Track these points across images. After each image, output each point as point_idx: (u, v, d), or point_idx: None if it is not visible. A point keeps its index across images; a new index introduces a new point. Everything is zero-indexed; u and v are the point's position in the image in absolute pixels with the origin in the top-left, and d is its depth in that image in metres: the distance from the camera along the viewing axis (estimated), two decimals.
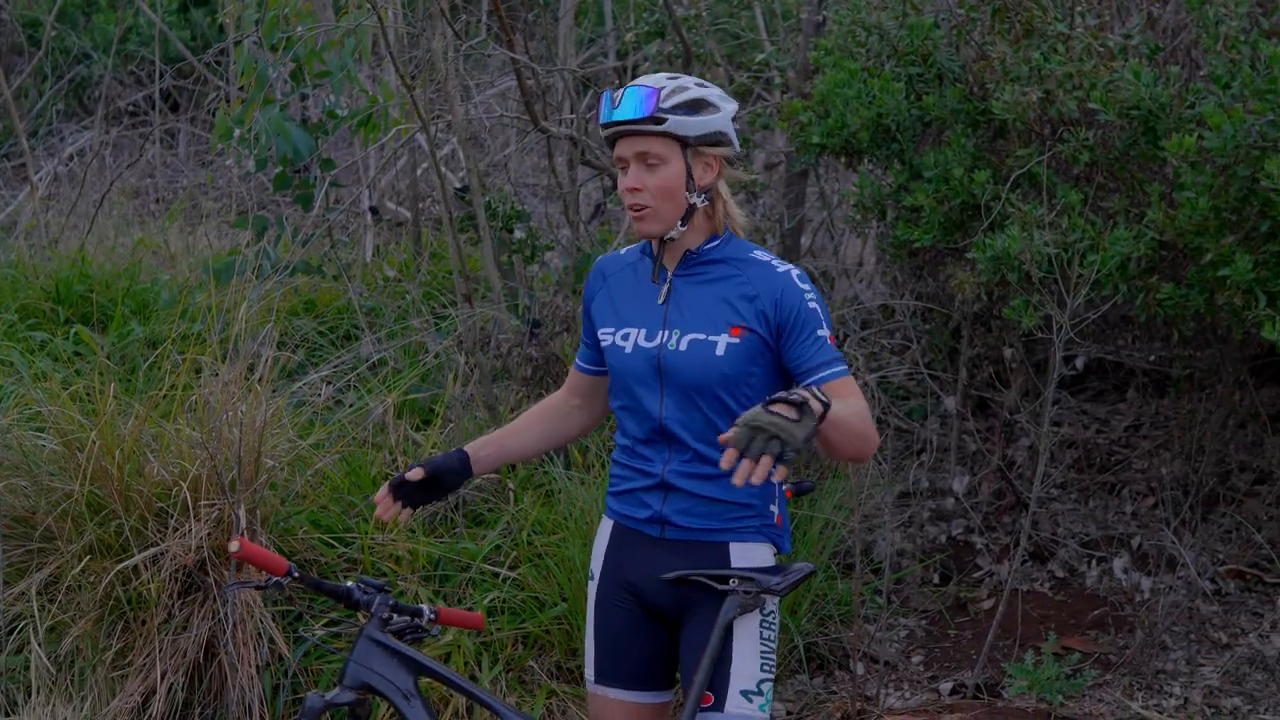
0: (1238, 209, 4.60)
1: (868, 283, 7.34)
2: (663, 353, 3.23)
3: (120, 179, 10.40)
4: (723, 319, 3.20)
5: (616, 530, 3.38)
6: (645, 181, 3.16)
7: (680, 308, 3.25)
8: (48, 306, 7.36)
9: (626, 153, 3.18)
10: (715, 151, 3.19)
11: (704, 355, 3.18)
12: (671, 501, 3.25)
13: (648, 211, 3.18)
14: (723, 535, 3.25)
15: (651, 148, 3.14)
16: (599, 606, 3.39)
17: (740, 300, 3.20)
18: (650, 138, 3.14)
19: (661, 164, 3.15)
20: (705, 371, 3.18)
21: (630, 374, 3.27)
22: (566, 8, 8.13)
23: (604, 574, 3.39)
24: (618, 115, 3.14)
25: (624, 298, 3.34)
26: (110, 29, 13.31)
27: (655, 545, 3.29)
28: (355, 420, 5.76)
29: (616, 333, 3.31)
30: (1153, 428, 6.42)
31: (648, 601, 3.32)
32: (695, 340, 3.20)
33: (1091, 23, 5.12)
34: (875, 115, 5.35)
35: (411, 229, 8.30)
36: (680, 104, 3.13)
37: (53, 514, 4.89)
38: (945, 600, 5.68)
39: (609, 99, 3.16)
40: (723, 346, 3.18)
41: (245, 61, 6.55)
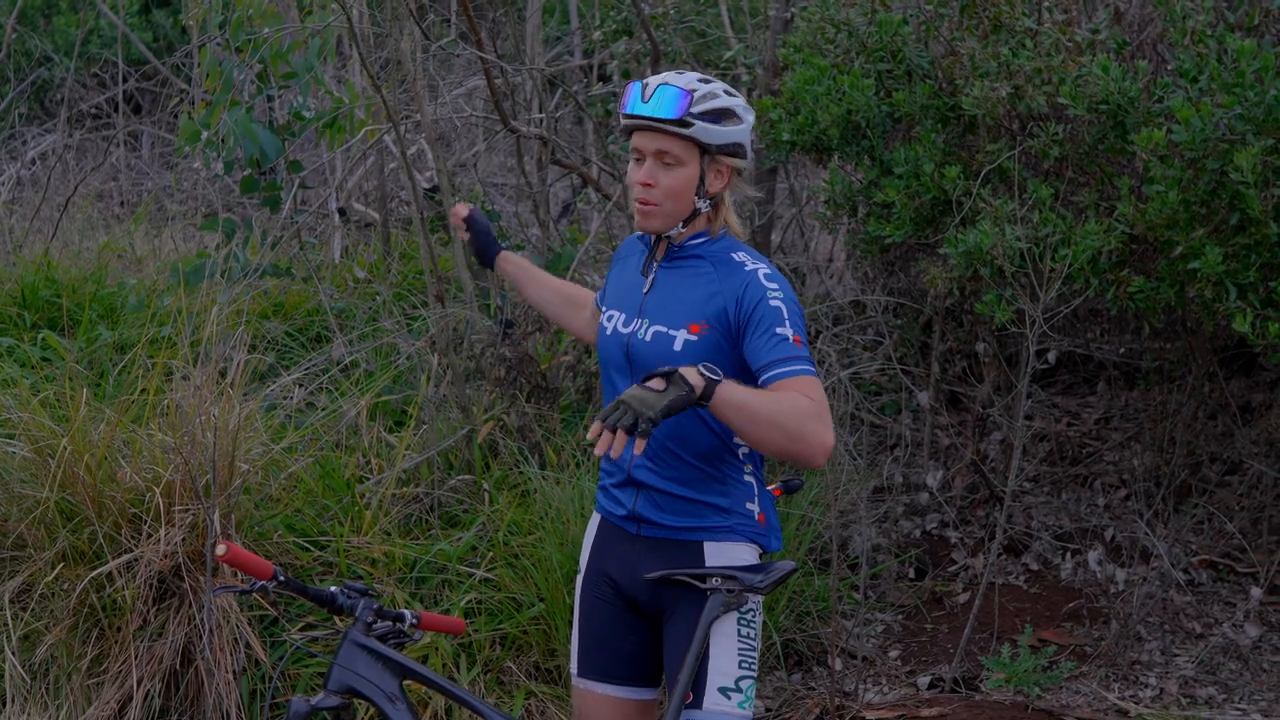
0: (1207, 202, 4.64)
1: (838, 278, 7.36)
2: (631, 340, 3.27)
3: (84, 182, 10.33)
4: (685, 315, 3.21)
5: (602, 525, 3.41)
6: (659, 179, 3.18)
7: (655, 298, 3.28)
8: (14, 312, 7.30)
9: (646, 146, 3.19)
10: (730, 161, 3.22)
11: (663, 348, 3.21)
12: (642, 498, 3.28)
13: (654, 209, 3.20)
14: (697, 534, 3.26)
15: (672, 148, 3.15)
16: (583, 601, 3.42)
17: (706, 298, 3.20)
18: (673, 138, 3.15)
19: (678, 165, 3.17)
20: (665, 363, 3.15)
21: (607, 356, 3.34)
22: (533, 7, 8.12)
23: (589, 569, 3.42)
24: (647, 110, 3.14)
25: (618, 282, 3.41)
26: (72, 31, 13.22)
27: (634, 542, 3.31)
28: (328, 423, 5.74)
29: (605, 314, 3.38)
30: (1123, 420, 6.45)
31: (628, 597, 3.34)
32: (658, 332, 3.23)
33: (1059, 18, 5.15)
34: (845, 112, 5.36)
35: (380, 230, 8.27)
36: (708, 111, 3.14)
37: (24, 521, 4.84)
38: (921, 595, 5.70)
39: (639, 90, 3.15)
40: (680, 343, 3.19)
41: (210, 64, 6.51)
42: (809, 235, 7.74)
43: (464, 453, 5.70)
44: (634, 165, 3.23)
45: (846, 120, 5.38)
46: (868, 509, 5.78)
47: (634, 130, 3.20)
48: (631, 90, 3.17)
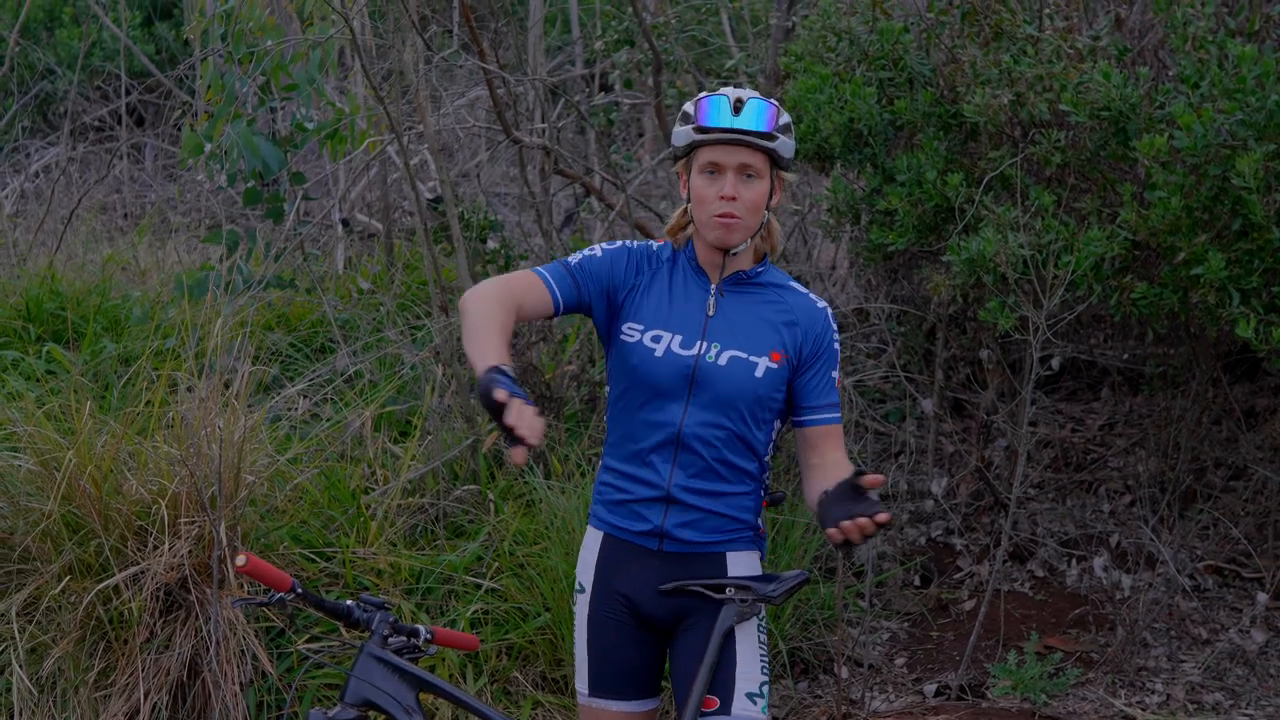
0: (1209, 208, 4.64)
1: (841, 286, 7.36)
2: (700, 363, 3.23)
3: (88, 195, 10.34)
4: (765, 342, 3.25)
5: (608, 542, 3.36)
6: (741, 193, 3.19)
7: (724, 322, 3.26)
8: (18, 325, 7.31)
9: (727, 161, 3.19)
10: (788, 175, 3.31)
11: (743, 374, 3.22)
12: (673, 515, 3.25)
13: (737, 222, 3.20)
14: (720, 546, 3.28)
15: (755, 162, 3.19)
16: (592, 620, 3.37)
17: (783, 326, 3.27)
18: (757, 152, 3.19)
19: (758, 179, 3.20)
20: (741, 390, 3.22)
21: (656, 378, 3.24)
22: (535, 17, 8.14)
23: (596, 587, 3.37)
24: (740, 124, 3.16)
25: (660, 298, 3.31)
26: (74, 44, 13.25)
27: (652, 557, 3.29)
28: (333, 434, 5.75)
29: (646, 333, 3.28)
30: (1127, 426, 6.45)
31: (643, 613, 3.33)
32: (736, 357, 3.23)
33: (1060, 25, 5.16)
34: (847, 120, 5.37)
35: (384, 240, 8.28)
36: (785, 125, 3.21)
37: (31, 534, 4.85)
38: (927, 602, 5.70)
39: (727, 103, 3.17)
40: (762, 369, 3.23)
41: (212, 77, 6.53)
42: (812, 243, 7.74)
43: (469, 463, 5.71)
44: (706, 180, 3.21)
45: (849, 128, 5.39)
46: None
47: (705, 145, 3.20)
48: (712, 104, 3.19)
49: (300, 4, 6.55)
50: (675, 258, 3.35)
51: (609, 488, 3.35)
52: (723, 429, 3.22)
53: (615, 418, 3.34)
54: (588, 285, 3.30)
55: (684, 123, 3.23)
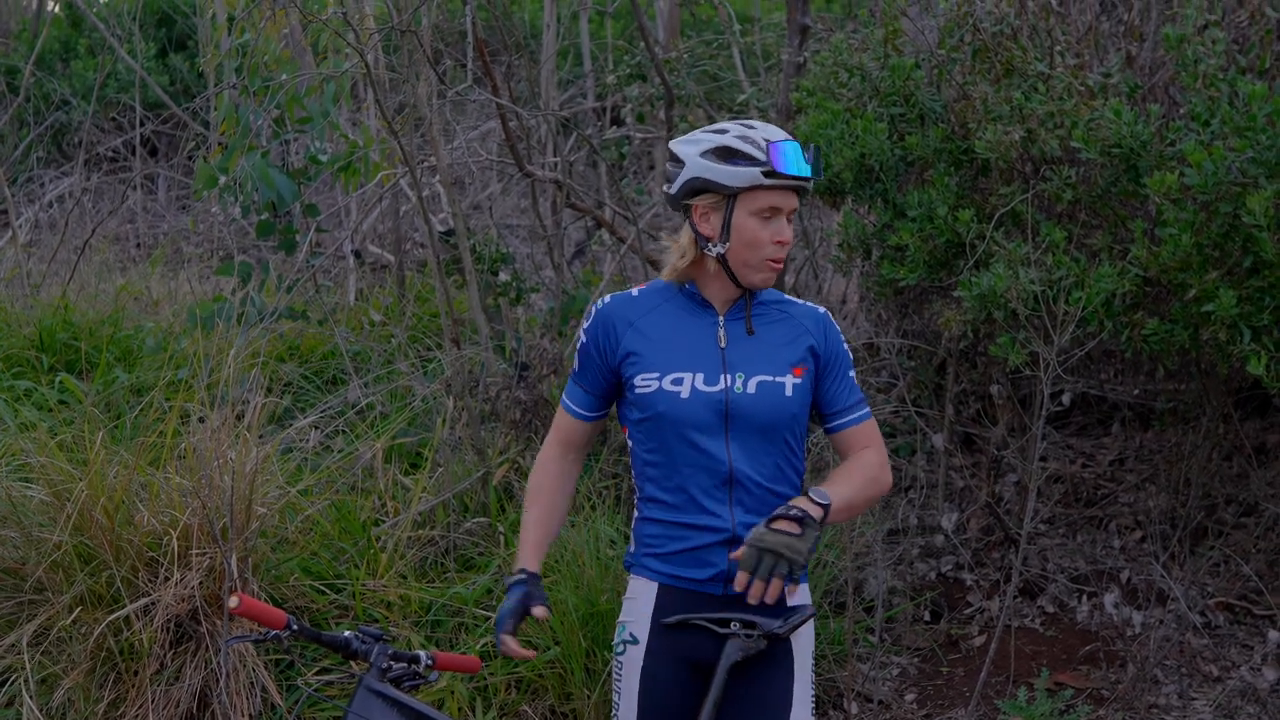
0: (1220, 245, 4.64)
1: (852, 320, 7.37)
2: (730, 396, 3.20)
3: (102, 225, 10.39)
4: (784, 360, 3.25)
5: (665, 593, 3.27)
6: (788, 236, 3.21)
7: (740, 350, 3.24)
8: (31, 355, 7.33)
9: (786, 205, 3.20)
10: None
11: (774, 397, 3.21)
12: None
13: (780, 266, 3.24)
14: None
15: (796, 205, 3.24)
16: (646, 674, 3.26)
17: (796, 339, 3.28)
18: (799, 195, 3.24)
19: (793, 220, 3.26)
20: (776, 413, 3.21)
21: (689, 419, 3.20)
22: (548, 52, 8.18)
23: (653, 639, 3.27)
24: (808, 172, 3.19)
25: (665, 340, 3.26)
26: (90, 75, 13.33)
27: (714, 602, 3.22)
28: (344, 465, 5.76)
29: (663, 378, 3.22)
30: (1138, 461, 6.44)
31: (698, 657, 3.25)
32: (763, 382, 3.22)
33: (1071, 62, 5.18)
34: (858, 155, 5.39)
35: (395, 272, 8.31)
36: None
37: (43, 565, 4.86)
38: (937, 638, 5.68)
39: (793, 150, 3.16)
40: (790, 387, 3.23)
41: (227, 109, 6.57)
42: (822, 277, 7.76)
43: (479, 495, 5.72)
44: (762, 223, 3.18)
45: (860, 163, 5.41)
46: (883, 551, 5.78)
47: (767, 189, 3.17)
48: (787, 151, 3.17)
49: (315, 37, 6.60)
50: (672, 293, 3.31)
51: (661, 539, 3.27)
52: (769, 457, 3.22)
53: (653, 473, 3.27)
54: (596, 382, 3.36)
55: (744, 162, 3.15)
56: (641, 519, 3.33)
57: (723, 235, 3.20)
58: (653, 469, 3.28)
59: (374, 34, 6.48)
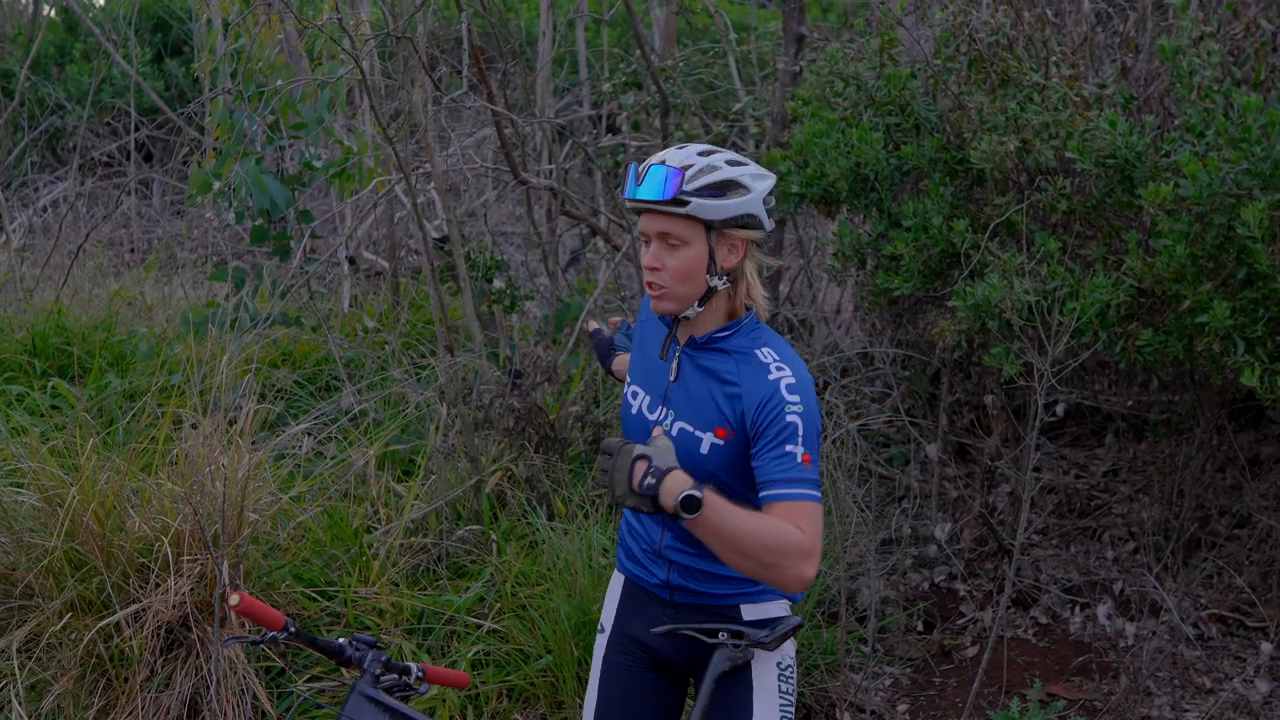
0: (1214, 256, 4.64)
1: (846, 330, 7.37)
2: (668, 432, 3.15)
3: (95, 230, 10.38)
4: (709, 417, 3.05)
5: (629, 587, 3.37)
6: (665, 261, 3.01)
7: (680, 390, 3.13)
8: (24, 359, 7.32)
9: (649, 229, 3.03)
10: (741, 234, 3.02)
11: (690, 448, 3.07)
12: (674, 571, 3.24)
13: (664, 291, 3.04)
14: (733, 599, 3.24)
15: (673, 229, 2.98)
16: (608, 661, 3.37)
17: (726, 399, 3.04)
18: (673, 219, 2.98)
19: (683, 245, 2.99)
20: (690, 464, 3.04)
21: (630, 435, 3.23)
22: (544, 59, 8.18)
23: (615, 630, 3.37)
24: (640, 193, 2.98)
25: (641, 353, 3.28)
26: (84, 80, 13.33)
27: (666, 606, 3.28)
28: (336, 472, 5.75)
29: (630, 385, 3.25)
30: (1131, 472, 6.44)
31: (658, 657, 3.31)
32: (684, 430, 3.09)
33: (1066, 73, 5.18)
34: (854, 165, 5.39)
35: (389, 279, 8.30)
36: (706, 186, 2.96)
37: (33, 570, 4.84)
38: (930, 648, 5.67)
39: (634, 172, 3.02)
40: (707, 445, 3.05)
41: (221, 115, 6.57)
42: (817, 286, 7.76)
43: (472, 503, 5.71)
44: (643, 248, 3.07)
45: (855, 173, 5.41)
46: (876, 561, 5.77)
47: (640, 212, 3.07)
48: (629, 173, 3.04)
49: (310, 43, 6.59)
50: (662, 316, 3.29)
51: (623, 539, 3.36)
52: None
53: None
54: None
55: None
56: (622, 517, 3.43)
57: None
58: None
59: (369, 40, 6.48)
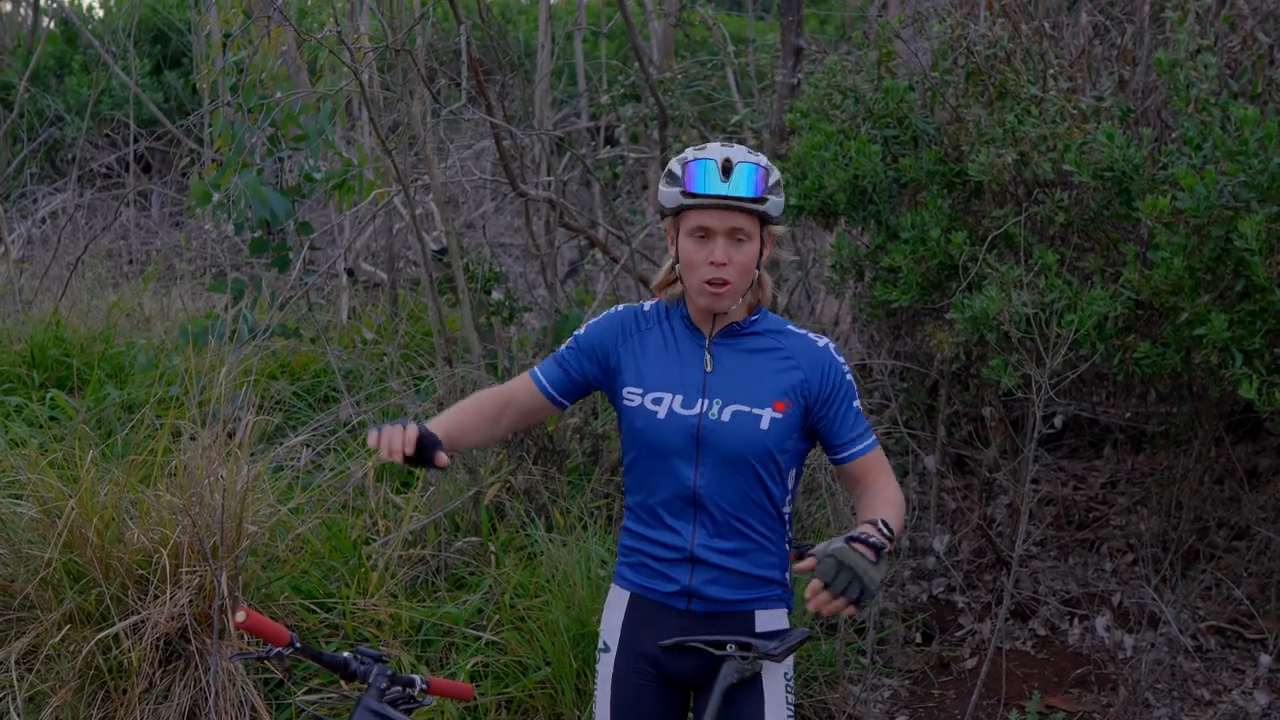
0: (1212, 268, 4.65)
1: (844, 341, 7.37)
2: (703, 421, 3.18)
3: (94, 241, 10.39)
4: (767, 392, 3.17)
5: (635, 602, 3.32)
6: (732, 257, 3.11)
7: (723, 377, 3.20)
8: (22, 371, 7.33)
9: (717, 225, 3.10)
10: (777, 229, 3.23)
11: (748, 428, 3.16)
12: (699, 574, 3.22)
13: (728, 289, 3.12)
14: (749, 605, 3.25)
15: (746, 224, 3.10)
16: (617, 680, 3.33)
17: (783, 373, 3.19)
18: (748, 215, 3.11)
19: (748, 241, 3.12)
20: (748, 444, 3.16)
21: (662, 440, 3.20)
22: (542, 71, 8.19)
23: (622, 647, 3.33)
24: (729, 190, 3.06)
25: (655, 359, 3.26)
26: (84, 91, 13.35)
27: (680, 617, 3.26)
28: (335, 484, 5.75)
29: (645, 395, 3.23)
30: (1129, 484, 6.45)
31: (668, 671, 3.30)
32: (739, 412, 3.17)
33: (1064, 85, 5.19)
34: (852, 177, 5.40)
35: (388, 290, 8.31)
36: (775, 184, 3.13)
37: (32, 582, 4.84)
38: (928, 660, 5.67)
39: (715, 168, 3.08)
40: (767, 420, 3.16)
41: (223, 126, 6.58)
42: (815, 298, 7.77)
43: (471, 514, 5.71)
44: (696, 244, 3.12)
45: (853, 185, 5.42)
46: None
47: (694, 209, 3.12)
48: (699, 169, 3.10)
49: (311, 56, 6.61)
50: (668, 314, 3.30)
51: (633, 551, 3.32)
52: (736, 485, 3.18)
53: (631, 483, 3.32)
54: (579, 364, 3.32)
55: (670, 183, 3.15)
56: (623, 530, 3.38)
57: (675, 253, 3.21)
58: (629, 477, 3.33)
59: (369, 53, 6.50)
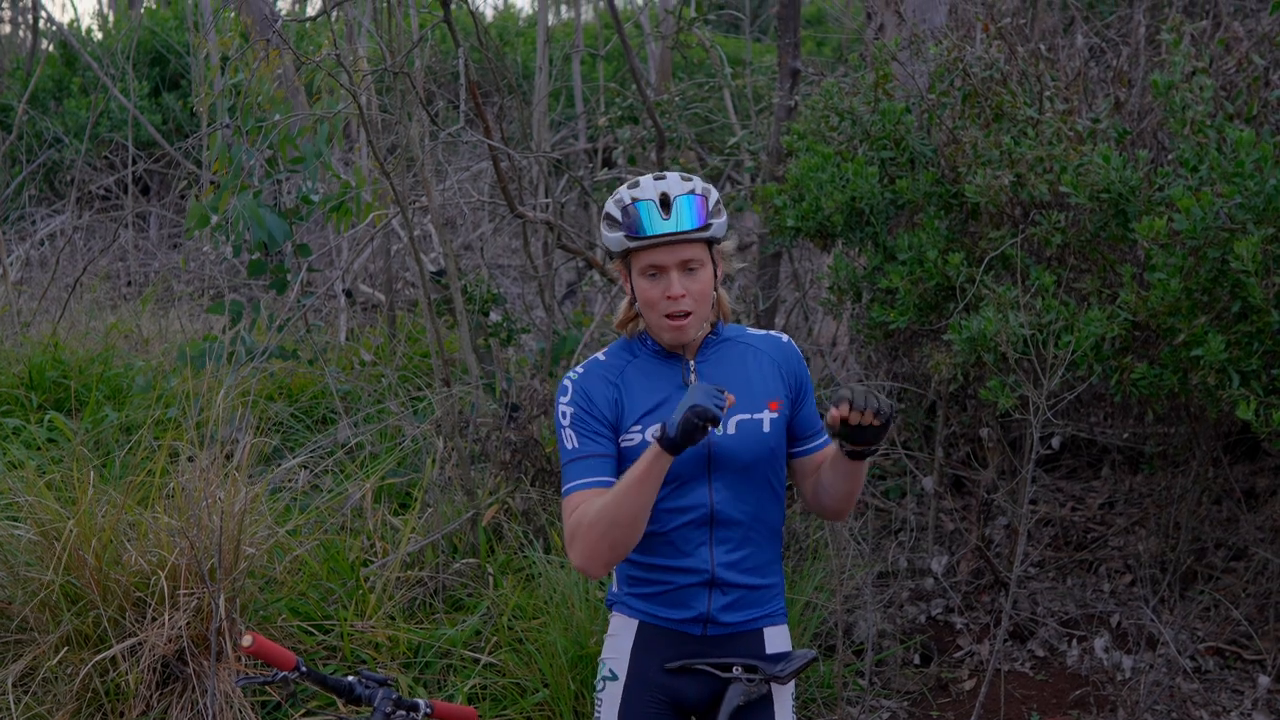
0: (1209, 290, 4.67)
1: (842, 362, 7.38)
2: (711, 440, 3.15)
3: (93, 263, 10.40)
4: (759, 395, 3.19)
5: (644, 630, 3.28)
6: (689, 288, 3.09)
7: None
8: (20, 393, 7.33)
9: (667, 260, 3.08)
10: (725, 245, 3.21)
11: (753, 435, 3.16)
12: (717, 598, 3.20)
13: (690, 318, 3.10)
14: (758, 623, 3.24)
15: (695, 254, 3.09)
16: (625, 710, 3.28)
17: (766, 372, 3.21)
18: (696, 244, 3.10)
19: (701, 268, 3.11)
20: (756, 451, 3.16)
21: (672, 469, 3.11)
22: (540, 94, 8.22)
23: (631, 676, 3.28)
24: (675, 226, 3.05)
25: (642, 395, 3.20)
26: (82, 114, 13.37)
27: (694, 643, 3.24)
28: (333, 506, 5.75)
29: (645, 431, 3.16)
30: (1127, 505, 6.45)
31: (677, 697, 3.27)
32: (742, 421, 3.16)
33: (1060, 107, 5.21)
34: (849, 199, 5.42)
35: (386, 312, 8.32)
36: (716, 205, 3.13)
37: (29, 604, 4.84)
38: (927, 681, 5.66)
39: (651, 210, 3.06)
40: (767, 423, 3.17)
41: (220, 149, 6.59)
42: (812, 319, 7.78)
43: (468, 536, 5.71)
44: (650, 282, 3.10)
45: (851, 207, 5.43)
46: (873, 594, 5.77)
47: (639, 250, 3.10)
48: (640, 211, 3.07)
49: (309, 78, 6.63)
50: (633, 351, 3.26)
51: (642, 581, 3.26)
52: (751, 496, 3.19)
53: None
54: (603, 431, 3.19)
55: (612, 227, 3.11)
56: (627, 559, 3.29)
57: (630, 292, 3.19)
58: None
59: (367, 75, 6.52)
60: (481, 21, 8.09)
